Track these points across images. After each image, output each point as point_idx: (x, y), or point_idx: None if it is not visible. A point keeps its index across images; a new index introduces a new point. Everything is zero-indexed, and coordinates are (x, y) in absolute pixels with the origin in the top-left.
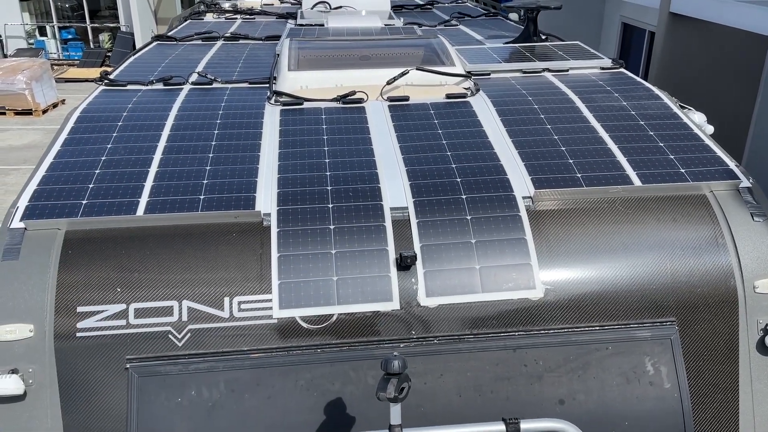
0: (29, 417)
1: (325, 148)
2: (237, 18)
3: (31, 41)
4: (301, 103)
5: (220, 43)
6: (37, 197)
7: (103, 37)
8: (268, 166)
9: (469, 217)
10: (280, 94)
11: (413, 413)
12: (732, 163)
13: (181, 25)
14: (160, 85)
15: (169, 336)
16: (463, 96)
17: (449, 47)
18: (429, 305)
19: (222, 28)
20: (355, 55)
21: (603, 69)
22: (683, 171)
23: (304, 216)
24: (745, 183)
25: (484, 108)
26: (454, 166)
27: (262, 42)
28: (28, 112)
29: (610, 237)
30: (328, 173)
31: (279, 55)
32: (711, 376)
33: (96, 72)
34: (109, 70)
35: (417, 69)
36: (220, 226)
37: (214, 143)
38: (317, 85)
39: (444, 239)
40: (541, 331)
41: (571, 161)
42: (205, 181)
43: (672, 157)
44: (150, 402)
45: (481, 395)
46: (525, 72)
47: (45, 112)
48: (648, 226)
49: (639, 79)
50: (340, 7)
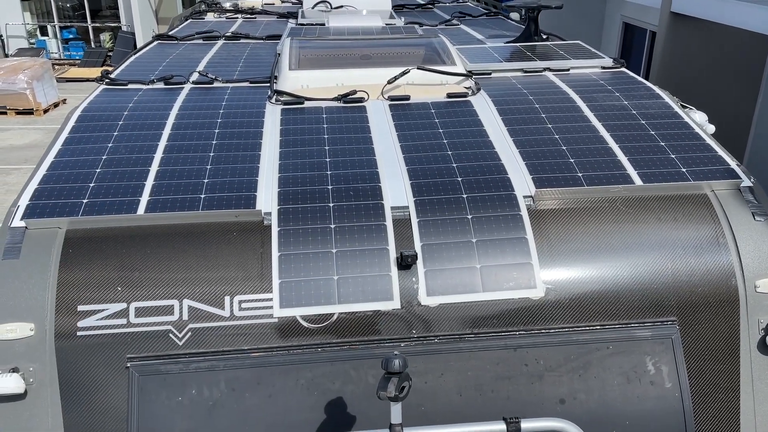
0: (30, 416)
1: (326, 147)
2: (238, 17)
3: (33, 41)
4: (302, 103)
5: (221, 42)
6: (38, 196)
7: (104, 36)
8: (268, 165)
9: (469, 217)
10: (281, 93)
11: (414, 412)
12: (733, 163)
13: (182, 25)
14: (160, 85)
15: (170, 335)
16: (464, 95)
17: (450, 47)
18: (430, 304)
19: (223, 27)
20: (356, 54)
21: (604, 68)
22: (684, 170)
23: (305, 215)
24: (747, 182)
25: (485, 107)
26: (454, 165)
27: (263, 41)
28: (29, 112)
29: (611, 236)
30: (329, 172)
31: (280, 54)
32: (712, 376)
33: (97, 71)
34: (110, 69)
35: (418, 68)
36: (220, 225)
37: (214, 142)
38: (318, 84)
39: (445, 238)
40: (542, 331)
41: (572, 160)
42: (205, 180)
43: (673, 156)
44: (151, 401)
45: (481, 394)
46: (526, 71)
47: (46, 111)
48: (649, 226)
49: (640, 78)
50: (341, 6)
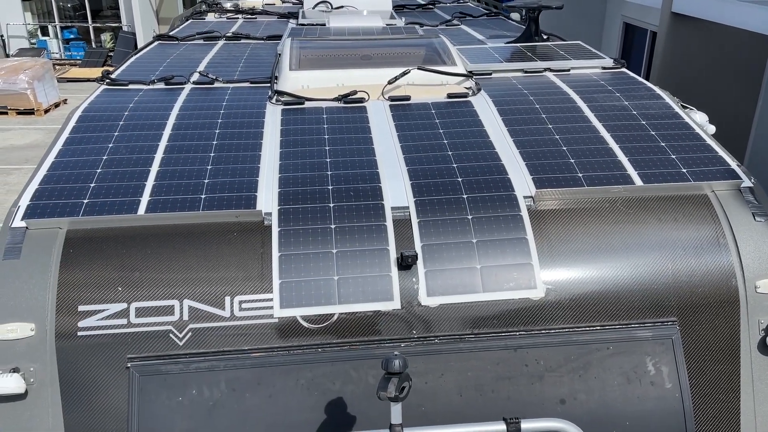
0: (30, 416)
1: (326, 148)
2: (238, 18)
3: (33, 41)
4: (303, 103)
5: (221, 42)
6: (39, 196)
7: (105, 36)
8: (269, 165)
9: (470, 217)
10: (281, 93)
11: (414, 413)
12: (734, 163)
13: (183, 25)
14: (161, 85)
15: (170, 335)
16: (465, 96)
17: (450, 47)
18: (430, 305)
19: (223, 27)
20: (357, 54)
21: (604, 69)
22: (685, 171)
23: (305, 215)
24: (747, 183)
25: (485, 107)
26: (455, 165)
27: (263, 42)
28: (30, 112)
29: (611, 237)
30: (329, 173)
31: (280, 54)
32: (712, 376)
33: (98, 72)
34: (111, 69)
35: (418, 69)
36: (221, 226)
37: (215, 142)
38: (318, 84)
39: (445, 239)
40: (542, 331)
41: (572, 161)
42: (206, 181)
43: (673, 156)
44: (151, 401)
45: (482, 395)
46: (526, 72)
47: (47, 111)
48: (649, 226)
49: (640, 78)
50: (342, 6)
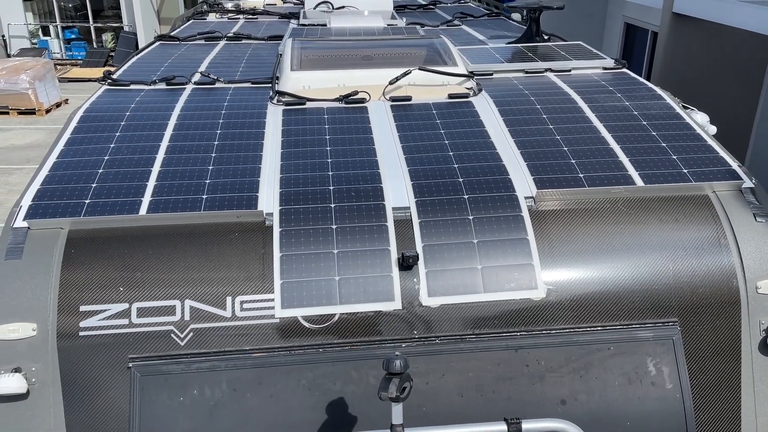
0: (32, 416)
1: (328, 148)
2: (240, 18)
3: (35, 41)
4: (304, 103)
5: (222, 43)
6: (41, 196)
7: (106, 36)
8: (270, 165)
9: (471, 217)
10: (282, 93)
11: (415, 413)
12: (735, 164)
13: (184, 25)
14: (162, 85)
15: (172, 335)
16: (466, 96)
17: (451, 47)
18: (431, 305)
19: (225, 28)
20: (358, 55)
21: (605, 69)
22: (686, 171)
23: (307, 216)
24: (748, 183)
25: (486, 108)
26: (456, 166)
27: (264, 42)
28: (31, 112)
29: (612, 237)
30: (331, 173)
31: (281, 55)
32: (713, 377)
33: (99, 72)
34: (112, 69)
35: (419, 69)
36: (222, 226)
37: (216, 143)
38: (320, 85)
39: (446, 239)
40: (543, 332)
41: (573, 161)
42: (207, 181)
43: (674, 157)
44: (152, 401)
45: (482, 395)
46: (527, 72)
47: (48, 111)
48: (650, 227)
49: (641, 79)
50: (343, 7)
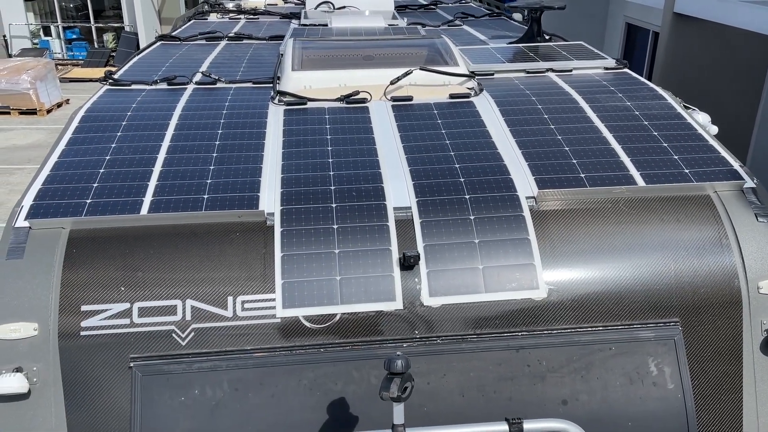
0: (33, 415)
1: (329, 148)
2: (241, 18)
3: (36, 41)
4: (305, 103)
5: (223, 43)
6: (42, 196)
7: (107, 37)
8: (271, 165)
9: (472, 217)
10: (283, 93)
11: (416, 413)
12: (736, 164)
13: (185, 25)
14: (164, 85)
15: (173, 335)
16: (467, 96)
17: (453, 47)
18: (432, 305)
19: (226, 28)
20: (359, 55)
21: (607, 69)
22: (687, 171)
23: (308, 215)
24: (750, 183)
25: (487, 108)
26: (457, 166)
27: (265, 42)
28: (32, 112)
29: (613, 237)
30: (332, 173)
31: (283, 54)
32: (714, 377)
33: (100, 72)
34: (113, 69)
35: (420, 69)
36: (223, 226)
37: (217, 143)
38: (321, 84)
39: (447, 239)
40: (544, 332)
41: (574, 161)
42: (208, 181)
43: (676, 157)
44: (153, 401)
45: (484, 395)
46: (528, 72)
47: (49, 111)
48: (652, 227)
49: (643, 79)
50: (344, 7)
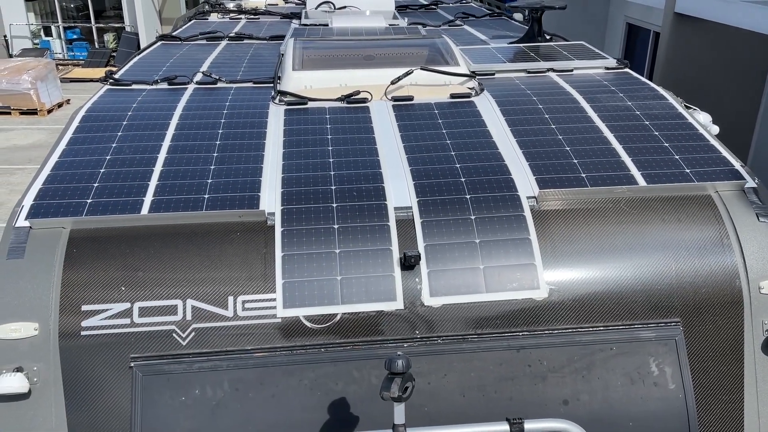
0: (34, 415)
1: (329, 148)
2: (241, 18)
3: (36, 41)
4: (306, 103)
5: (224, 42)
6: (42, 196)
7: (108, 37)
8: (272, 165)
9: (473, 217)
10: (284, 93)
11: (417, 413)
12: (737, 164)
13: (186, 25)
14: (164, 85)
15: (173, 335)
16: (468, 96)
17: (453, 47)
18: (433, 305)
19: (226, 28)
20: (360, 55)
21: (608, 69)
22: (688, 171)
23: (308, 215)
24: (751, 183)
25: (488, 108)
26: (458, 165)
27: (266, 42)
28: (33, 112)
29: (614, 237)
30: (332, 173)
31: (283, 54)
32: (716, 377)
33: (101, 72)
34: (114, 69)
35: (421, 69)
36: (224, 226)
37: (218, 143)
38: (321, 84)
39: (448, 239)
40: (545, 332)
41: (575, 161)
42: (209, 181)
43: (677, 157)
44: (154, 401)
45: (484, 395)
46: (529, 72)
47: (50, 111)
48: (653, 227)
49: (644, 79)
50: (345, 7)
